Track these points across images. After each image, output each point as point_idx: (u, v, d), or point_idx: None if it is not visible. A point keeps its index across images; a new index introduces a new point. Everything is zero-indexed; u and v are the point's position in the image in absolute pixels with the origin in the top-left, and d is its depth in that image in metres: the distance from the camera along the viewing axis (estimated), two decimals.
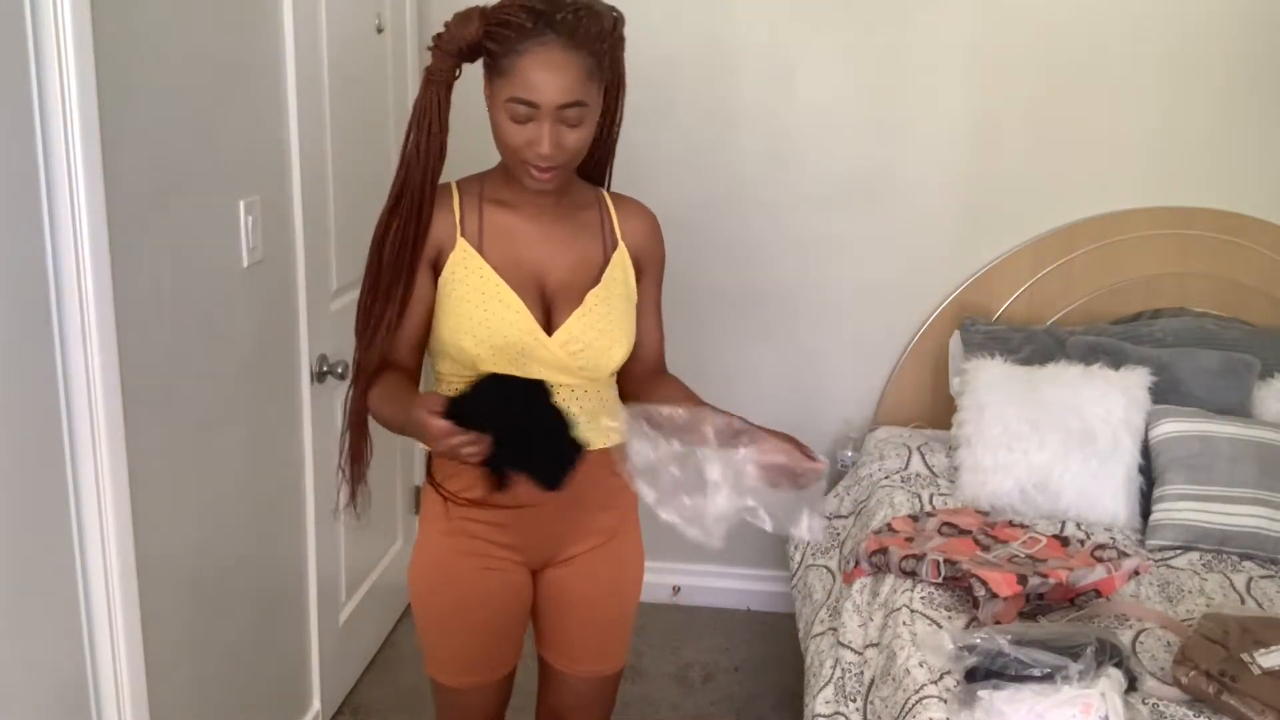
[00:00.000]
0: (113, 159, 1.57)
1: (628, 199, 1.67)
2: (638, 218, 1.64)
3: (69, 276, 1.52)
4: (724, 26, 2.85)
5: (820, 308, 3.02)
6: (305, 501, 2.37)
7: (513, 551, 1.65)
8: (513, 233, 1.56)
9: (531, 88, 1.39)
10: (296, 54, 2.14)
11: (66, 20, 1.45)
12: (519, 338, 1.52)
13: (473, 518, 1.62)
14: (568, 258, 1.57)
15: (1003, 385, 2.57)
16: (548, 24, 1.38)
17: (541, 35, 1.38)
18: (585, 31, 1.40)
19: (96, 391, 1.57)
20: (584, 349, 1.55)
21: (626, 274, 1.62)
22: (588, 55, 1.41)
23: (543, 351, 1.53)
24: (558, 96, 1.39)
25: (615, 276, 1.60)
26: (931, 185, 2.90)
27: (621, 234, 1.62)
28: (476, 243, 1.54)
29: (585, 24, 1.40)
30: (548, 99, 1.40)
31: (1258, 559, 2.32)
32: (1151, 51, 2.78)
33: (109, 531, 1.62)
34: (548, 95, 1.39)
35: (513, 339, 1.52)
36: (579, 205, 1.60)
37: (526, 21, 1.38)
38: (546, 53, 1.38)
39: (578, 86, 1.40)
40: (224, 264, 1.96)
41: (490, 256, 1.54)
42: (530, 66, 1.39)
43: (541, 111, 1.41)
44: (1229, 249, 2.84)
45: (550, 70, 1.38)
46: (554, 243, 1.57)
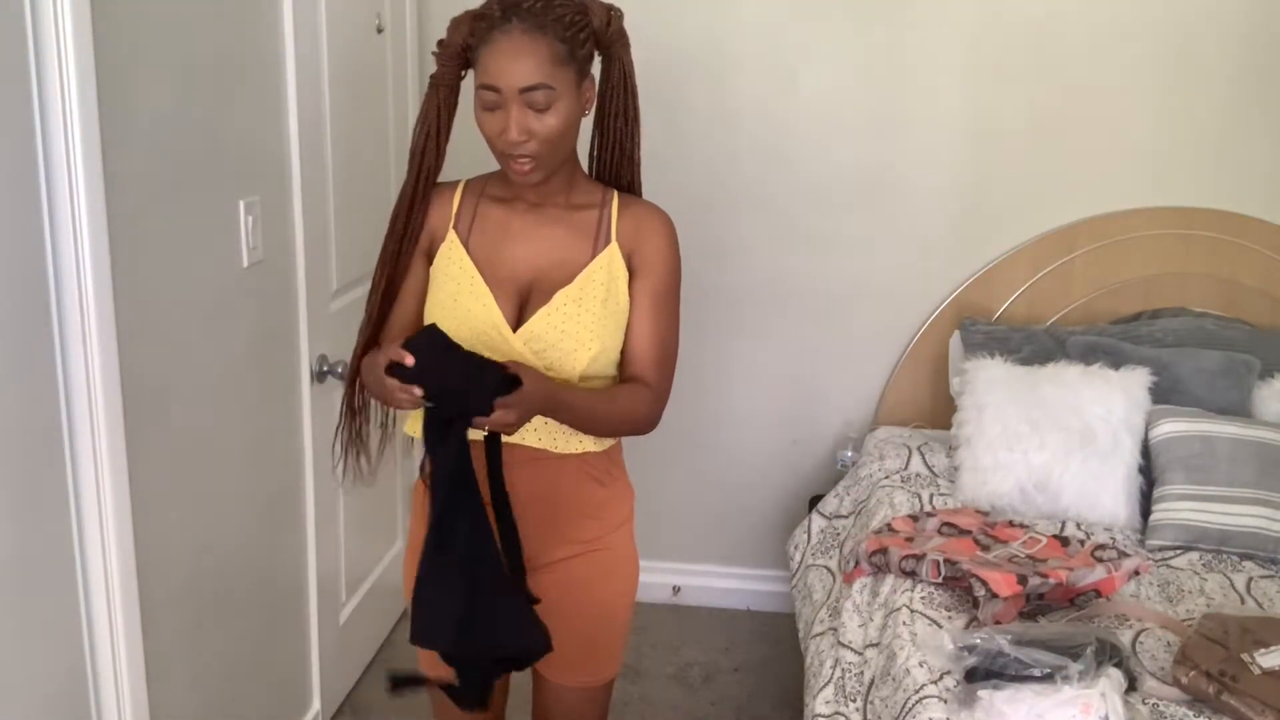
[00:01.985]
0: (113, 159, 1.57)
1: (639, 202, 1.63)
2: (639, 218, 1.59)
3: (69, 276, 1.52)
4: (724, 26, 2.86)
5: (820, 307, 3.02)
6: (305, 501, 2.37)
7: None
8: (501, 228, 1.58)
9: (494, 73, 1.43)
10: (296, 54, 2.14)
11: (66, 20, 1.45)
12: (484, 330, 1.54)
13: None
14: (550, 256, 1.57)
15: (1003, 385, 2.57)
16: (513, 12, 1.43)
17: (505, 24, 1.43)
18: (551, 17, 1.43)
19: (96, 391, 1.57)
20: (547, 348, 1.53)
21: (612, 276, 1.56)
22: (554, 40, 1.43)
23: (505, 346, 1.54)
24: (518, 79, 1.42)
25: (595, 278, 1.55)
26: (931, 185, 2.91)
27: (617, 233, 1.58)
28: (465, 235, 1.59)
29: (554, 10, 1.43)
30: (508, 82, 1.43)
31: (1258, 559, 2.32)
32: (1152, 51, 2.78)
33: (109, 531, 1.62)
34: (508, 79, 1.43)
35: (478, 330, 1.54)
36: (578, 205, 1.59)
37: (496, 12, 1.44)
38: (508, 39, 1.43)
39: (540, 69, 1.43)
40: (224, 264, 1.96)
41: (474, 249, 1.58)
42: (494, 53, 1.43)
43: (505, 96, 1.44)
44: (1229, 249, 2.84)
45: (511, 55, 1.42)
46: (539, 241, 1.57)
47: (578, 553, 1.66)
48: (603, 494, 1.66)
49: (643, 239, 1.59)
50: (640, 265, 1.59)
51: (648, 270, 1.59)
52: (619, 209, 1.60)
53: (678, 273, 1.62)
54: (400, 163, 2.76)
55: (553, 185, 1.57)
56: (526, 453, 1.57)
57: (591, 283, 1.55)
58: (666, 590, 3.22)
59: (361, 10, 2.49)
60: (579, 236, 1.58)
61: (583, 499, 1.63)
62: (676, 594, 3.24)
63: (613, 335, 1.57)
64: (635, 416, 1.58)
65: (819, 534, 2.72)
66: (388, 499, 2.88)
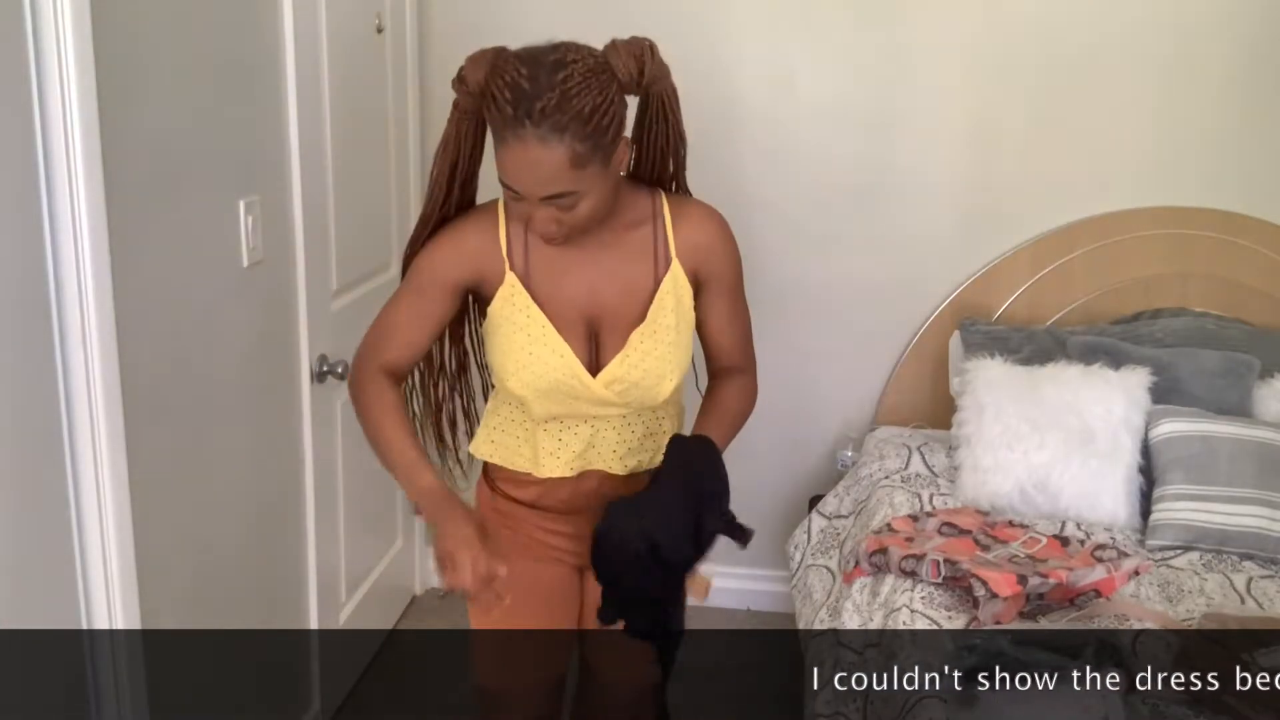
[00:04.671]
0: (113, 159, 1.57)
1: (690, 206, 1.57)
2: (696, 228, 1.53)
3: (69, 276, 1.52)
4: (724, 26, 2.85)
5: (820, 307, 3.01)
6: (305, 501, 2.36)
7: (560, 542, 1.64)
8: (558, 262, 1.50)
9: (512, 177, 1.36)
10: (296, 54, 2.14)
11: (66, 20, 1.45)
12: (564, 381, 1.50)
13: (520, 515, 1.63)
14: (614, 286, 1.51)
15: (1003, 385, 2.57)
16: (526, 114, 1.31)
17: (519, 127, 1.31)
18: (569, 116, 1.31)
19: (96, 391, 1.57)
20: (630, 388, 1.52)
21: (679, 298, 1.52)
22: (573, 142, 1.31)
23: (588, 393, 1.51)
24: (537, 190, 1.35)
25: (665, 305, 1.51)
26: (931, 185, 2.90)
27: (676, 251, 1.52)
28: (523, 274, 1.49)
29: (572, 106, 1.31)
30: (528, 192, 1.36)
31: (1258, 559, 2.32)
32: (1151, 51, 2.77)
33: (109, 531, 1.62)
34: (527, 188, 1.36)
35: (558, 382, 1.50)
36: (630, 224, 1.51)
37: (508, 107, 1.32)
38: (523, 147, 1.32)
39: (559, 178, 1.34)
40: (224, 264, 1.96)
41: (537, 291, 1.49)
42: (509, 158, 1.34)
43: (528, 200, 1.37)
44: (1229, 249, 2.84)
45: (527, 166, 1.33)
46: (601, 271, 1.50)
47: None
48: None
49: (704, 253, 1.54)
50: (708, 277, 1.56)
51: (718, 278, 1.57)
52: (672, 221, 1.53)
53: (740, 263, 1.59)
54: (400, 163, 2.78)
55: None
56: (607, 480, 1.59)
57: (662, 311, 1.51)
58: None
59: (361, 11, 2.49)
60: (638, 260, 1.51)
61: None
62: None
63: (686, 353, 1.55)
64: (749, 408, 1.63)
65: (819, 534, 2.72)
66: (388, 499, 2.88)
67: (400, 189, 2.74)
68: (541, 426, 1.56)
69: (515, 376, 1.50)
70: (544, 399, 1.51)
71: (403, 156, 2.77)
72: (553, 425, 1.55)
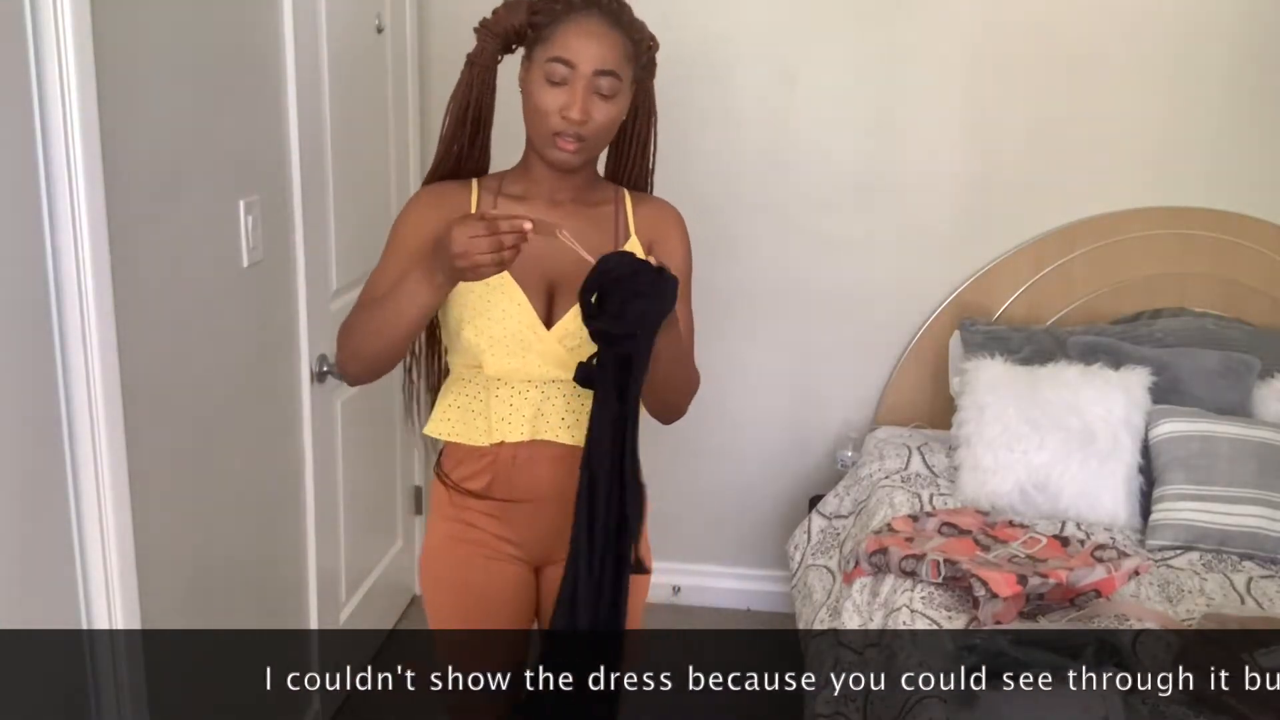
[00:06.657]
0: (113, 159, 1.57)
1: (650, 197, 1.69)
2: (654, 210, 1.65)
3: (69, 276, 1.52)
4: (724, 26, 2.85)
5: (820, 308, 3.01)
6: (305, 501, 2.36)
7: (511, 544, 1.66)
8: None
9: (574, 49, 1.47)
10: (296, 54, 2.14)
11: (66, 20, 1.45)
12: (518, 330, 1.55)
13: (474, 508, 1.65)
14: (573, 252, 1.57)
15: (1003, 385, 2.57)
16: (594, 2, 1.48)
17: (587, 9, 1.48)
18: (627, 18, 1.50)
19: (96, 391, 1.57)
20: (581, 344, 1.55)
21: None
22: (626, 39, 1.49)
23: (540, 345, 1.56)
24: (596, 61, 1.46)
25: None
26: (931, 185, 2.90)
27: (635, 226, 1.63)
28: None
29: (628, 13, 1.51)
30: (586, 60, 1.46)
31: (1258, 559, 2.32)
32: (1152, 51, 2.77)
33: (109, 531, 1.62)
34: (586, 57, 1.46)
35: (511, 330, 1.55)
36: (594, 202, 1.62)
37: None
38: (590, 22, 1.47)
39: (615, 57, 1.48)
40: (224, 264, 1.96)
41: None
42: (573, 32, 1.47)
43: (577, 73, 1.46)
44: (1229, 249, 2.84)
45: (592, 37, 1.47)
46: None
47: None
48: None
49: (660, 232, 1.65)
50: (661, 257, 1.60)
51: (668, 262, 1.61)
52: (633, 204, 1.65)
53: (690, 262, 1.70)
54: (400, 163, 2.78)
55: (576, 180, 1.59)
56: (556, 450, 1.59)
57: None
58: (667, 590, 3.22)
59: (361, 10, 2.49)
60: (599, 231, 1.60)
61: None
62: (676, 594, 3.24)
63: None
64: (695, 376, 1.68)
65: (819, 534, 2.72)
66: (388, 499, 2.88)
67: (400, 189, 2.74)
68: (494, 393, 1.59)
69: (471, 324, 1.54)
70: (497, 348, 1.55)
71: (402, 157, 2.77)
72: (504, 390, 1.59)
